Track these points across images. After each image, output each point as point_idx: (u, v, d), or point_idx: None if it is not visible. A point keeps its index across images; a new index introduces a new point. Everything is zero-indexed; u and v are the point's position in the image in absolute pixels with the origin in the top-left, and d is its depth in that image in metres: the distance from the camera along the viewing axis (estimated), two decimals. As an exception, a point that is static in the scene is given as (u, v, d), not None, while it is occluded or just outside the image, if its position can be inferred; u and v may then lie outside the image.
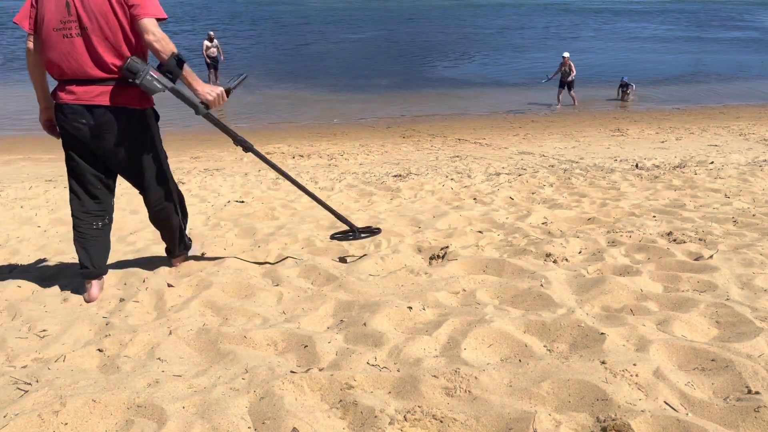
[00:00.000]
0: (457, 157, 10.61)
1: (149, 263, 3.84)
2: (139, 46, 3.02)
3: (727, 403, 1.96)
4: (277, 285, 3.37)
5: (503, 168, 8.69)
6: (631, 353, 2.29)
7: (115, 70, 2.99)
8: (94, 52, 2.96)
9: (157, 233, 4.78)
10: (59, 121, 3.11)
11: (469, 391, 2.09)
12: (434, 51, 28.02)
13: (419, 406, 2.01)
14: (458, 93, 19.07)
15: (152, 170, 3.32)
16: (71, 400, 2.09)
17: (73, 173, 3.23)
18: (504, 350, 2.43)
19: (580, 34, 34.68)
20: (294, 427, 1.93)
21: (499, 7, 51.19)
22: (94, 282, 3.31)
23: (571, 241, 3.92)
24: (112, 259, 4.02)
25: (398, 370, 2.27)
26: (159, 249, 4.20)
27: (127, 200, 6.50)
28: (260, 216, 5.38)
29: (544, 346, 2.45)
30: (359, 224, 4.82)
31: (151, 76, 2.95)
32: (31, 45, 3.09)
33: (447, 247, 3.89)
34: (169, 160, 3.55)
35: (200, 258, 3.95)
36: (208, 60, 19.79)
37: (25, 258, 4.14)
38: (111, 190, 3.36)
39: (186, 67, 3.01)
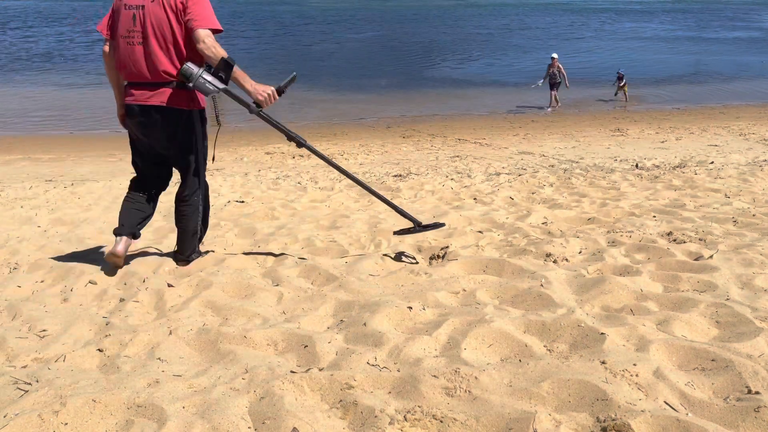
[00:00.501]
0: (457, 157, 10.61)
1: (149, 263, 3.84)
2: (194, 54, 3.31)
3: (727, 403, 1.96)
4: (277, 285, 3.37)
5: (503, 168, 8.69)
6: (631, 353, 2.29)
7: (167, 76, 3.33)
8: (150, 59, 3.32)
9: (158, 233, 4.79)
10: (127, 117, 3.54)
11: (469, 391, 2.09)
12: (434, 51, 28.03)
13: (419, 406, 2.01)
14: (458, 93, 19.08)
15: (191, 167, 3.62)
16: (71, 400, 2.09)
17: (135, 158, 3.78)
18: (504, 350, 2.43)
19: (581, 34, 34.69)
20: (294, 427, 1.93)
21: (500, 7, 51.19)
22: (120, 239, 3.57)
23: (571, 241, 3.92)
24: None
25: (398, 370, 2.27)
26: (159, 249, 4.20)
27: (127, 200, 6.50)
28: (260, 216, 5.38)
29: (544, 346, 2.45)
30: (359, 224, 4.82)
31: (204, 78, 3.21)
32: (107, 49, 3.52)
33: (447, 247, 3.89)
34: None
35: (200, 258, 3.95)
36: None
37: (25, 258, 4.14)
38: (163, 176, 3.81)
39: (237, 69, 3.25)
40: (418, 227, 3.90)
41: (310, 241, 4.31)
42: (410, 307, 2.85)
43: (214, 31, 3.28)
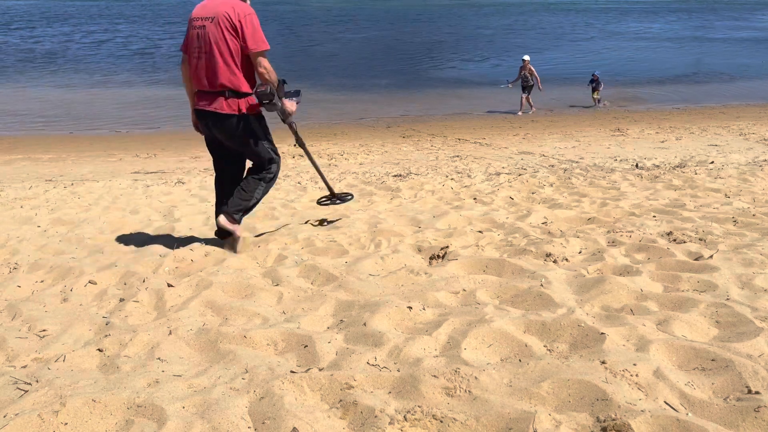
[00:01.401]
0: (457, 156, 10.61)
1: (149, 263, 3.84)
2: (247, 67, 3.85)
3: (727, 403, 1.96)
4: (277, 285, 3.37)
5: (503, 168, 8.68)
6: (631, 353, 2.29)
7: (223, 87, 3.84)
8: (209, 72, 3.84)
9: (158, 232, 4.82)
10: (198, 120, 4.11)
11: (469, 391, 2.09)
12: (435, 51, 28.02)
13: (419, 406, 2.01)
14: (458, 93, 19.07)
15: (257, 157, 4.12)
16: (71, 400, 2.09)
17: (211, 155, 4.30)
18: (504, 350, 2.43)
19: (583, 34, 34.67)
20: (294, 427, 1.93)
21: (501, 7, 51.18)
22: (220, 217, 4.06)
23: (571, 241, 3.92)
24: (111, 258, 4.03)
25: (398, 370, 2.27)
26: (159, 249, 4.20)
27: (127, 200, 6.50)
28: (260, 216, 5.38)
29: (544, 346, 2.45)
30: (359, 224, 4.82)
31: (277, 98, 3.90)
32: (182, 62, 4.11)
33: (447, 247, 3.89)
34: (169, 160, 3.59)
35: (200, 258, 3.95)
36: None
37: (25, 258, 4.14)
38: (237, 167, 4.26)
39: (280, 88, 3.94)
40: (334, 197, 4.92)
41: (310, 241, 4.31)
42: (410, 307, 2.85)
43: (265, 51, 3.84)
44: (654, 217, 4.69)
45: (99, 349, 2.61)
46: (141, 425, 1.99)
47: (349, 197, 5.09)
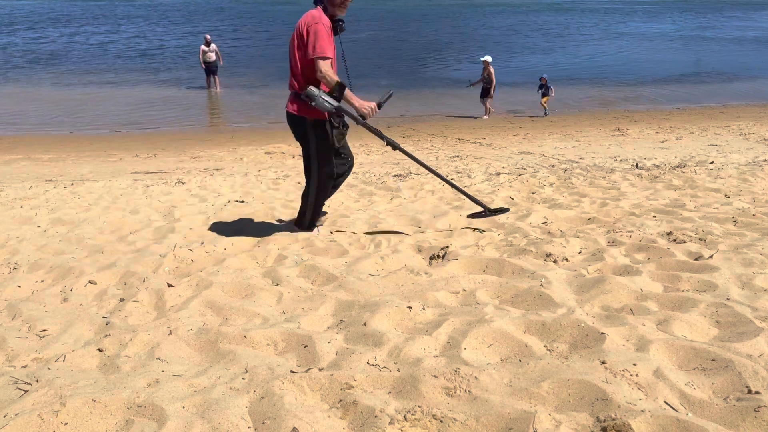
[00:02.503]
0: (457, 156, 10.61)
1: (149, 263, 3.84)
2: (311, 73, 4.04)
3: (727, 403, 1.96)
4: (277, 285, 3.37)
5: (503, 168, 8.68)
6: (631, 353, 2.29)
7: (291, 88, 4.18)
8: (290, 75, 4.18)
9: (158, 232, 4.82)
10: None
11: (469, 391, 2.09)
12: (435, 51, 28.01)
13: (419, 406, 2.01)
14: (458, 93, 19.04)
15: (310, 161, 4.34)
16: (71, 400, 2.09)
17: None
18: (504, 350, 2.43)
19: (582, 34, 34.67)
20: (294, 427, 1.93)
21: (502, 7, 51.18)
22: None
23: (571, 241, 3.92)
24: (111, 258, 4.03)
25: (398, 370, 2.27)
26: (159, 248, 4.20)
27: (127, 200, 6.50)
28: (260, 216, 5.38)
29: (544, 346, 2.45)
30: (359, 224, 4.82)
31: (323, 99, 3.97)
32: None
33: (447, 247, 3.89)
34: (169, 160, 3.60)
35: (200, 258, 3.96)
36: (204, 66, 18.73)
37: (25, 258, 4.14)
38: (307, 168, 4.44)
39: (347, 90, 4.05)
40: (488, 212, 4.53)
41: (310, 241, 4.31)
42: (410, 307, 2.85)
43: (325, 58, 3.98)
44: (654, 217, 4.69)
45: (99, 349, 2.61)
46: (141, 425, 1.99)
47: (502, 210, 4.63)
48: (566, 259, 3.60)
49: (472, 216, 4.60)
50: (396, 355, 2.40)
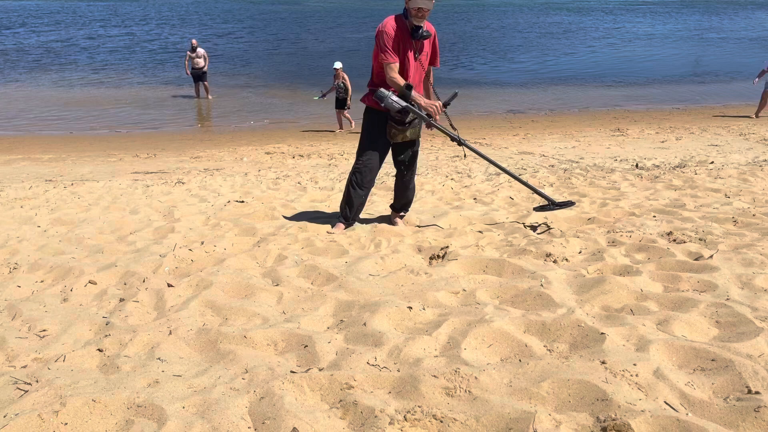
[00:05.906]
0: (457, 156, 10.61)
1: (149, 263, 3.84)
2: (378, 73, 4.39)
3: (727, 403, 1.96)
4: (277, 285, 3.37)
5: (503, 168, 8.68)
6: (631, 353, 2.29)
7: (370, 86, 4.49)
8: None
9: (158, 232, 4.82)
10: None
11: (469, 391, 2.09)
12: (434, 51, 27.96)
13: (419, 406, 2.01)
14: (458, 93, 19.06)
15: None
16: (71, 400, 2.09)
17: None
18: (504, 350, 2.43)
19: (581, 34, 34.67)
20: (294, 427, 1.93)
21: (502, 7, 51.19)
22: (339, 223, 4.68)
23: (571, 241, 3.92)
24: (111, 258, 4.03)
25: (398, 370, 2.27)
26: (159, 248, 4.20)
27: (127, 200, 6.50)
28: (260, 216, 5.38)
29: (544, 346, 2.45)
30: (359, 224, 4.82)
31: (392, 99, 4.26)
32: None
33: (447, 247, 3.89)
34: (169, 160, 3.59)
35: (200, 258, 3.95)
36: (189, 73, 17.29)
37: (25, 258, 4.14)
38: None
39: (413, 92, 4.31)
40: (553, 205, 4.60)
41: (310, 241, 4.31)
42: (410, 307, 2.85)
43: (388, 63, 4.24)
44: (654, 217, 4.69)
45: (99, 349, 2.61)
46: (141, 425, 1.99)
47: (564, 205, 4.69)
48: (566, 259, 3.60)
49: (539, 209, 4.69)
50: (396, 355, 2.40)
